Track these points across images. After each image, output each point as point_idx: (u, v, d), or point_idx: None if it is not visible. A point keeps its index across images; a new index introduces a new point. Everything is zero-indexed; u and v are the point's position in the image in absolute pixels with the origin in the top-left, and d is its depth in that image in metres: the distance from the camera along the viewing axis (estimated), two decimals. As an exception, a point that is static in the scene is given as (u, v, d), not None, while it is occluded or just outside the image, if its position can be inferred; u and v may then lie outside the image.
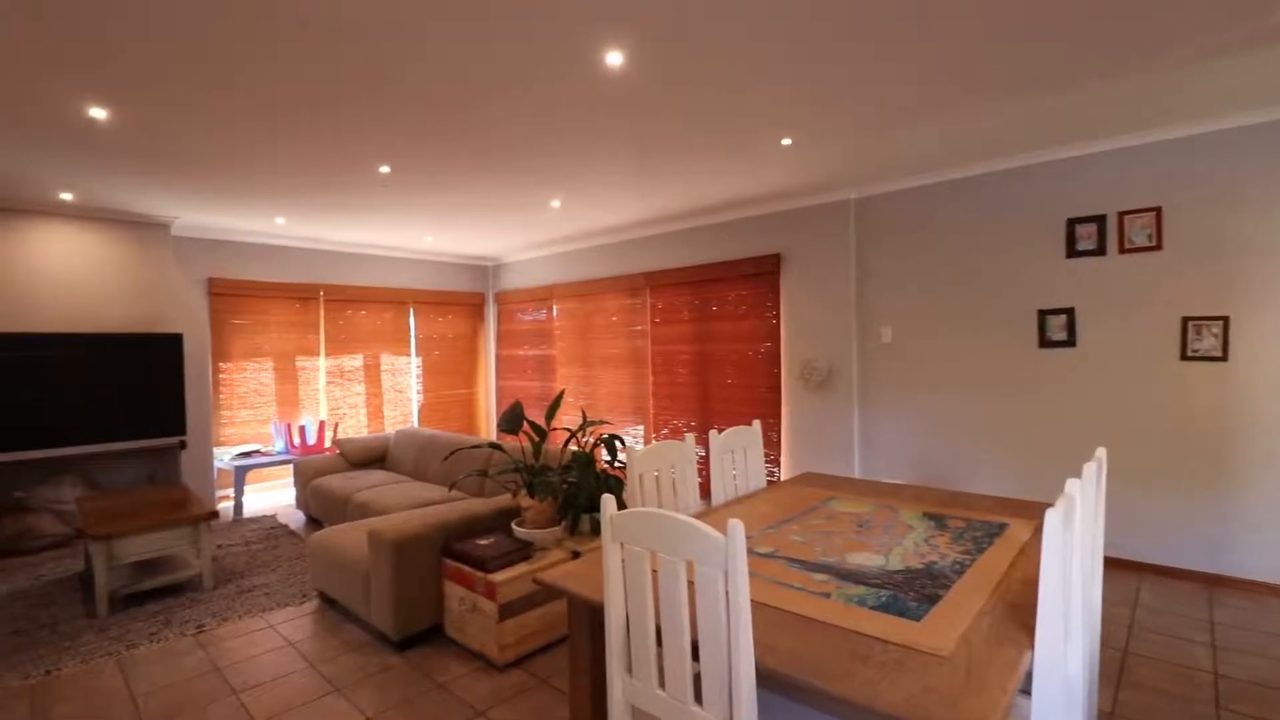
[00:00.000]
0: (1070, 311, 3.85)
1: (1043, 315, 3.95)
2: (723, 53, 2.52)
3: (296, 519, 5.24)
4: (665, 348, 6.03)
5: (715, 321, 5.61)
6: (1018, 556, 1.89)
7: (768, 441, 5.21)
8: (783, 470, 5.19)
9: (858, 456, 4.81)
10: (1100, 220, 3.73)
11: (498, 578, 2.69)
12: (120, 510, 3.64)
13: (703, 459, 5.36)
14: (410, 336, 7.33)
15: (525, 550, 2.89)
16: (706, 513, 2.47)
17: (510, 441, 5.66)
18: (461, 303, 7.81)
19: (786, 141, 3.61)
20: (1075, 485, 1.49)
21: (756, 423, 3.06)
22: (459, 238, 6.45)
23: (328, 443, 6.17)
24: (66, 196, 4.47)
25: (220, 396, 5.85)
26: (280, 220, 5.41)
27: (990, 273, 4.17)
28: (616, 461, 3.32)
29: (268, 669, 2.77)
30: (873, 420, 4.74)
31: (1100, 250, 3.74)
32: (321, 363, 6.54)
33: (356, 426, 6.82)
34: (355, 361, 6.82)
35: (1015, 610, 1.53)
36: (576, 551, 2.97)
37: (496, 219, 5.56)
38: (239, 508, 5.32)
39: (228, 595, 3.56)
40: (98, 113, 2.97)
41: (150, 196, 4.53)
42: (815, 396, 4.97)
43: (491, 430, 8.08)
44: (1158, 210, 3.56)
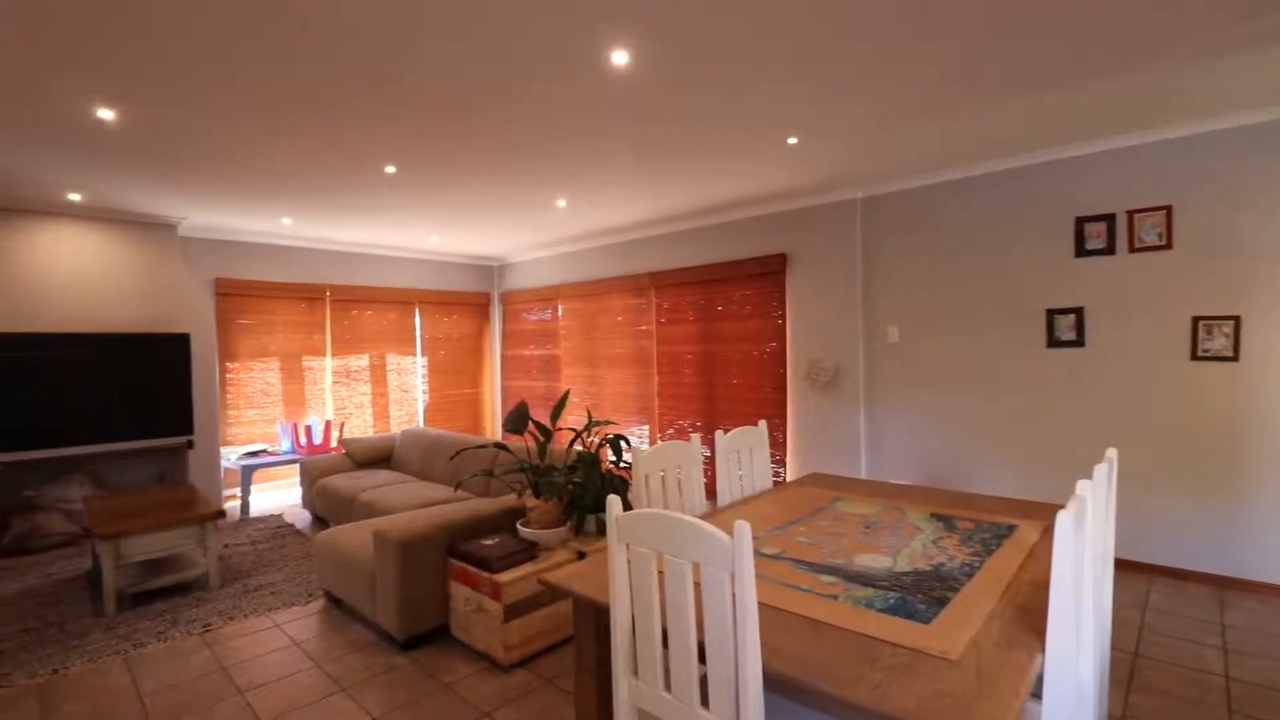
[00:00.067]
0: (1079, 311, 3.82)
1: (1051, 315, 3.92)
2: (728, 52, 2.50)
3: (302, 518, 5.26)
4: (670, 348, 6.01)
5: (721, 321, 5.60)
6: (1027, 559, 1.88)
7: (773, 442, 5.20)
8: (789, 471, 5.18)
9: (864, 457, 4.78)
10: (1109, 219, 3.70)
11: (503, 578, 2.69)
12: (128, 509, 3.65)
13: (708, 459, 5.35)
14: (416, 336, 7.34)
15: (530, 550, 2.88)
16: (712, 513, 2.46)
17: (515, 441, 5.66)
18: (467, 303, 7.82)
19: (793, 141, 3.60)
20: (1086, 486, 1.47)
21: (762, 423, 3.04)
22: (464, 238, 6.46)
23: (334, 442, 6.19)
24: (75, 197, 4.50)
25: (227, 396, 5.87)
26: (287, 221, 5.42)
27: (998, 272, 4.14)
28: (622, 462, 3.32)
29: (273, 668, 2.77)
30: (879, 420, 4.72)
31: (1109, 249, 3.71)
32: (328, 363, 6.56)
33: (362, 426, 6.83)
34: (361, 361, 6.84)
35: (1025, 613, 1.51)
36: (582, 552, 2.96)
37: (502, 219, 5.56)
38: (245, 507, 5.34)
39: (234, 594, 3.57)
40: (105, 113, 2.98)
41: (158, 197, 4.55)
42: (821, 397, 4.95)
43: (497, 430, 8.09)
44: (1168, 209, 3.52)
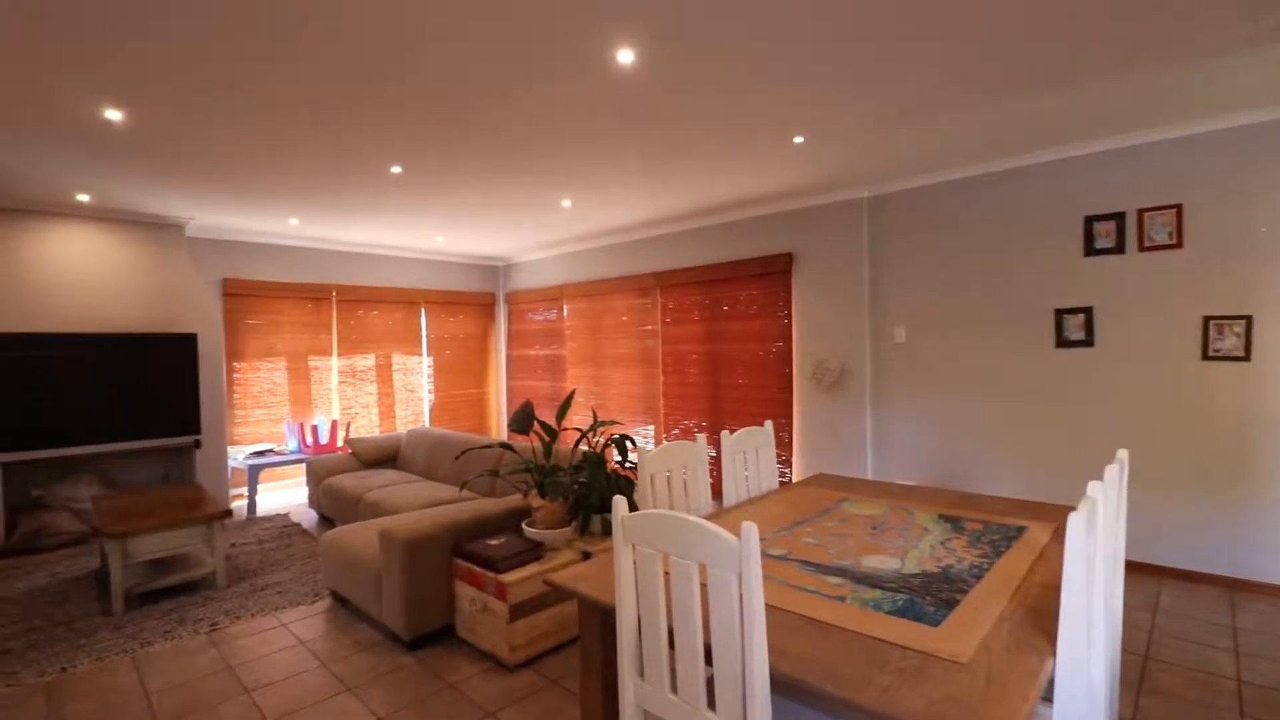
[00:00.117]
0: (1088, 311, 3.79)
1: (1060, 314, 3.89)
2: (731, 51, 2.49)
3: (309, 518, 5.27)
4: (676, 348, 6.00)
5: (726, 321, 5.58)
6: (1037, 560, 1.86)
7: (779, 442, 5.18)
8: (795, 471, 5.16)
9: (870, 457, 4.76)
10: (1119, 218, 3.67)
11: (508, 578, 2.69)
12: (135, 509, 3.67)
13: (714, 459, 5.34)
14: (421, 336, 7.36)
15: (536, 551, 2.88)
16: (718, 514, 2.45)
17: (521, 441, 5.66)
18: (472, 303, 7.83)
19: (798, 140, 3.58)
20: (1097, 488, 1.46)
21: (768, 423, 3.03)
22: (470, 238, 6.47)
23: (340, 442, 6.20)
24: (83, 198, 4.52)
25: (234, 396, 5.89)
26: (293, 221, 5.44)
27: (1006, 271, 4.12)
28: (627, 462, 3.31)
29: (279, 668, 2.78)
30: (886, 421, 4.69)
31: (1119, 248, 3.68)
32: (334, 362, 6.58)
33: (368, 426, 6.85)
34: (367, 361, 6.86)
35: (1036, 615, 1.49)
36: (587, 552, 2.95)
37: (507, 219, 5.56)
38: (252, 506, 5.36)
39: (241, 594, 3.58)
40: (112, 114, 3.00)
41: (165, 198, 4.58)
42: (827, 397, 4.93)
43: (502, 430, 8.10)
44: (1178, 207, 3.49)
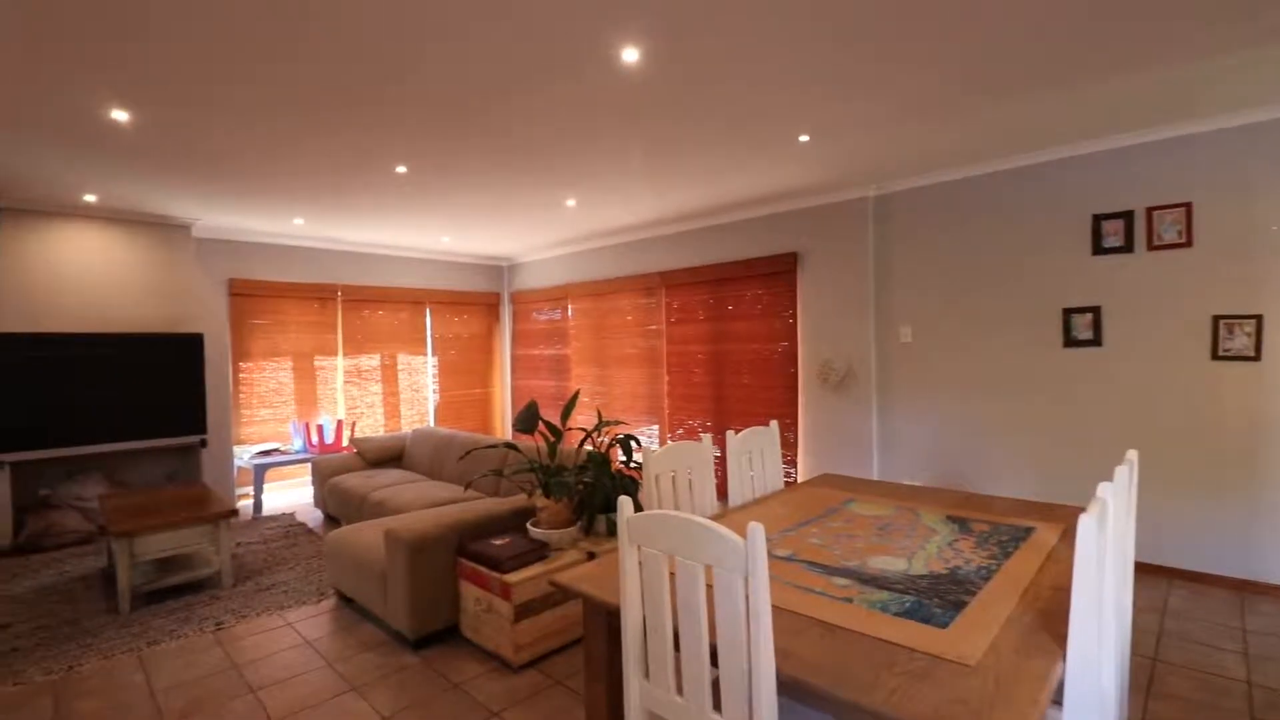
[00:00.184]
0: (1096, 310, 3.76)
1: (1068, 314, 3.86)
2: (736, 50, 2.48)
3: (314, 517, 5.29)
4: (681, 347, 5.99)
5: (731, 321, 5.57)
6: (1046, 562, 1.84)
7: (785, 442, 5.16)
8: (800, 471, 5.14)
9: (876, 458, 4.74)
10: (1128, 216, 3.64)
11: (513, 578, 2.68)
12: (142, 508, 3.68)
13: (719, 459, 5.33)
14: (426, 336, 7.37)
15: (541, 550, 2.87)
16: (724, 514, 2.44)
17: (525, 441, 5.66)
18: (477, 302, 7.84)
19: (804, 139, 3.57)
20: (1107, 489, 1.44)
21: (773, 423, 3.02)
22: (475, 238, 6.47)
23: (345, 442, 6.22)
24: (90, 198, 4.54)
25: (240, 396, 5.91)
26: (299, 221, 5.45)
27: (1013, 270, 4.09)
28: (632, 462, 3.30)
29: (285, 667, 2.78)
30: (892, 421, 4.67)
31: (1128, 247, 3.65)
32: (339, 362, 6.59)
33: (373, 426, 6.86)
34: (372, 361, 6.87)
35: (1045, 618, 1.48)
36: (592, 553, 2.95)
37: (512, 218, 5.56)
38: (258, 506, 5.38)
39: (246, 593, 3.59)
40: (120, 115, 3.01)
41: (172, 198, 4.59)
42: (833, 397, 4.91)
43: (507, 430, 8.10)
44: (1188, 206, 3.46)
